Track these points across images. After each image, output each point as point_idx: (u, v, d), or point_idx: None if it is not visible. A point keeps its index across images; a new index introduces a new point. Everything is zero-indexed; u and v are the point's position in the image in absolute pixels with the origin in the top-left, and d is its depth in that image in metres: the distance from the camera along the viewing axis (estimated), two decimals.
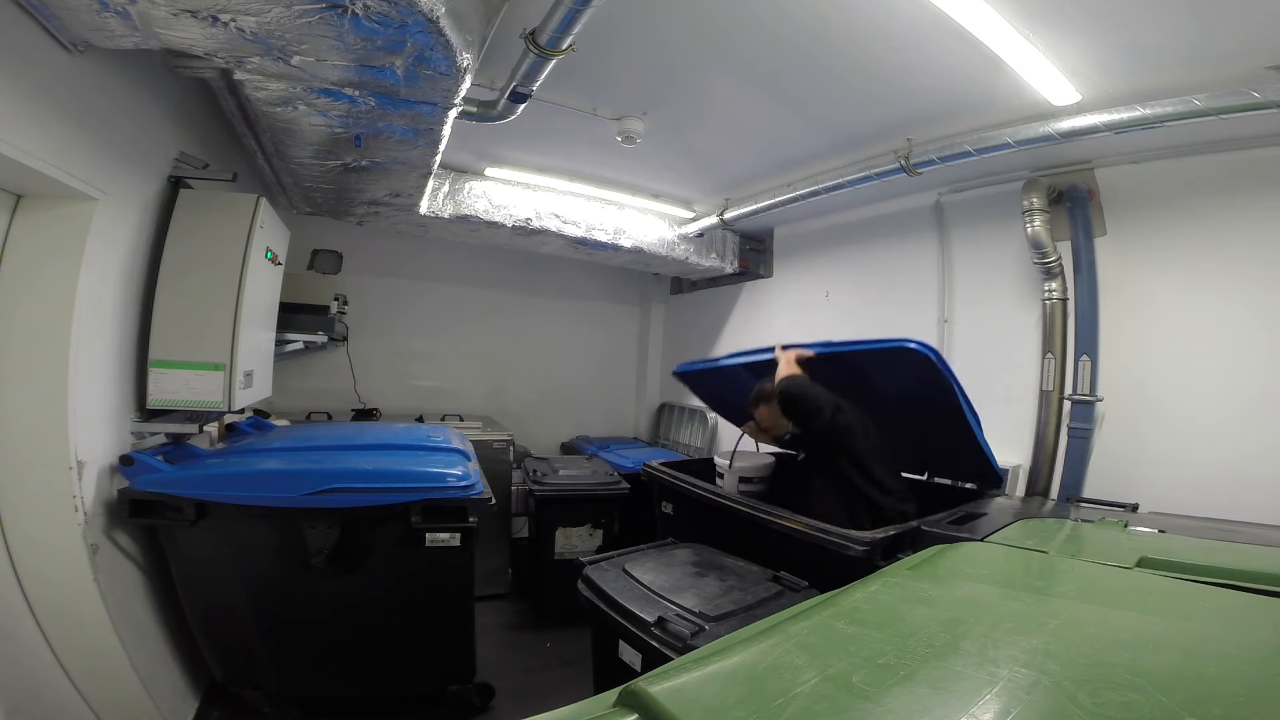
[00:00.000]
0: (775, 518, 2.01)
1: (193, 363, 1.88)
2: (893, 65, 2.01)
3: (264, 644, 1.92)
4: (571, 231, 3.54)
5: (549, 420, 4.86)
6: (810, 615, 0.71)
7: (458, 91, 1.74)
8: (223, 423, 2.34)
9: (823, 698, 0.51)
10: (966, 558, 1.06)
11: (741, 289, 4.47)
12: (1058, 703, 0.50)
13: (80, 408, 1.55)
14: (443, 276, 4.43)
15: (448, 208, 3.24)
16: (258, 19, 1.32)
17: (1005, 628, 0.67)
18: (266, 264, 2.16)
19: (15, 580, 1.52)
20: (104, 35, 1.38)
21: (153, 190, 1.91)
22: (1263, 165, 2.04)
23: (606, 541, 3.21)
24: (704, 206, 3.83)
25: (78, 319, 1.53)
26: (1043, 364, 2.54)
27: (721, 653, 0.60)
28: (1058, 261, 2.49)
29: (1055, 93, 1.99)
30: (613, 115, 2.55)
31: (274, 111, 1.83)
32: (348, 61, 1.52)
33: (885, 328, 3.33)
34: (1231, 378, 2.10)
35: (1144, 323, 2.34)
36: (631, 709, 0.50)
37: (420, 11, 1.30)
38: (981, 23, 1.67)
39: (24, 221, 1.53)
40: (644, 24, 1.90)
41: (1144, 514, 1.84)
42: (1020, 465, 2.61)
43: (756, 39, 1.94)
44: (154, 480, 1.72)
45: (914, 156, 2.47)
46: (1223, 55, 1.73)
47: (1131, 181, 2.39)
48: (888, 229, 3.34)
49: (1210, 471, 2.10)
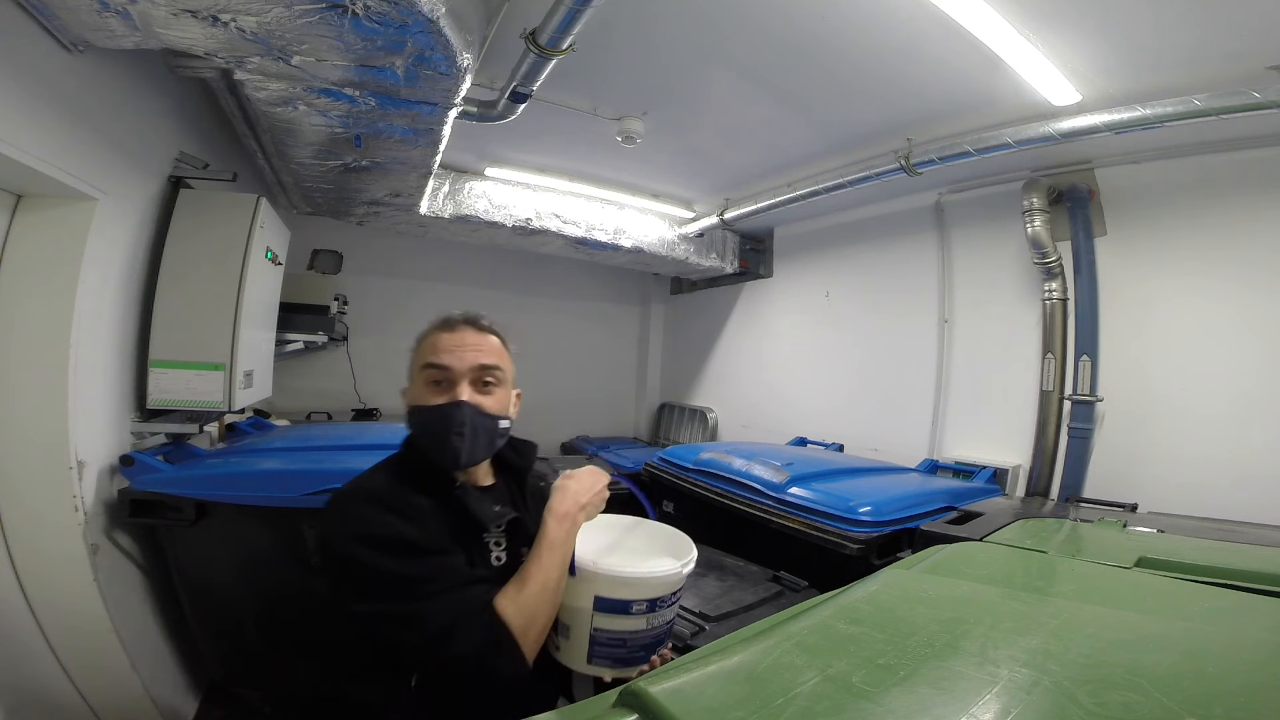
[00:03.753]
0: (775, 518, 2.01)
1: (193, 363, 1.88)
2: (893, 65, 2.01)
3: (264, 644, 1.92)
4: (571, 231, 3.54)
5: (549, 420, 4.85)
6: (810, 615, 0.71)
7: (458, 91, 1.74)
8: (223, 423, 2.34)
9: (823, 698, 0.51)
10: (966, 558, 1.06)
11: (741, 289, 4.47)
12: (1058, 702, 0.50)
13: (80, 408, 1.55)
14: (443, 276, 4.43)
15: (448, 208, 3.24)
16: (258, 19, 1.32)
17: (1005, 628, 0.67)
18: (267, 264, 2.16)
19: (15, 580, 1.52)
20: (104, 35, 1.38)
21: (153, 190, 1.91)
22: (1263, 165, 2.04)
23: None
24: (704, 206, 3.83)
25: (78, 319, 1.53)
26: (1043, 364, 2.54)
27: (721, 653, 0.60)
28: (1058, 261, 2.49)
29: (1055, 93, 1.99)
30: (613, 115, 2.55)
31: (274, 111, 1.83)
32: (348, 61, 1.52)
33: (885, 328, 3.34)
34: (1231, 377, 2.10)
35: (1144, 322, 2.34)
36: (631, 709, 0.50)
37: (420, 11, 1.30)
38: (982, 23, 1.67)
39: (24, 221, 1.52)
40: (644, 24, 1.90)
41: (1143, 514, 1.84)
42: (1020, 465, 2.61)
43: (757, 39, 1.94)
44: (154, 480, 1.72)
45: (914, 156, 2.47)
46: (1223, 55, 1.73)
47: (1131, 181, 2.39)
48: (888, 229, 3.35)
49: (1210, 471, 2.10)
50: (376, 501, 0.88)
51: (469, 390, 0.96)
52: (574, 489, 0.99)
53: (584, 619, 0.88)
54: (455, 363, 0.96)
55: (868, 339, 3.45)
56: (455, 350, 0.97)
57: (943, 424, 2.99)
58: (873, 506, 1.88)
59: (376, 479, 0.94)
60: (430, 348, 0.99)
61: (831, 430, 3.40)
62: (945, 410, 3.00)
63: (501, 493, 1.06)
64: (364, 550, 0.82)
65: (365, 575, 0.82)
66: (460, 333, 0.99)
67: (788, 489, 2.05)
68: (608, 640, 0.88)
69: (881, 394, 3.32)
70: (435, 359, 0.96)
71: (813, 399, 3.72)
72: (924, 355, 3.08)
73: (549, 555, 0.88)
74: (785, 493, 2.04)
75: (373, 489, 0.91)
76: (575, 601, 0.89)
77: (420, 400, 0.97)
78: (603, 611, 0.87)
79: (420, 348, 1.02)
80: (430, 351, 0.98)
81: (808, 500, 1.97)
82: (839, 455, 3.09)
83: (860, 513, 1.86)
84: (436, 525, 0.89)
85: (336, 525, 0.87)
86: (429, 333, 1.02)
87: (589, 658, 0.89)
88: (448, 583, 0.83)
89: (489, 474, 1.07)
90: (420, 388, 0.98)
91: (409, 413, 0.99)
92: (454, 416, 0.93)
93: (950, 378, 2.99)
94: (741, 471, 2.24)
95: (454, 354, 0.97)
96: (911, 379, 3.14)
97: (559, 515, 0.92)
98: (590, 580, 0.87)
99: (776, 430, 3.72)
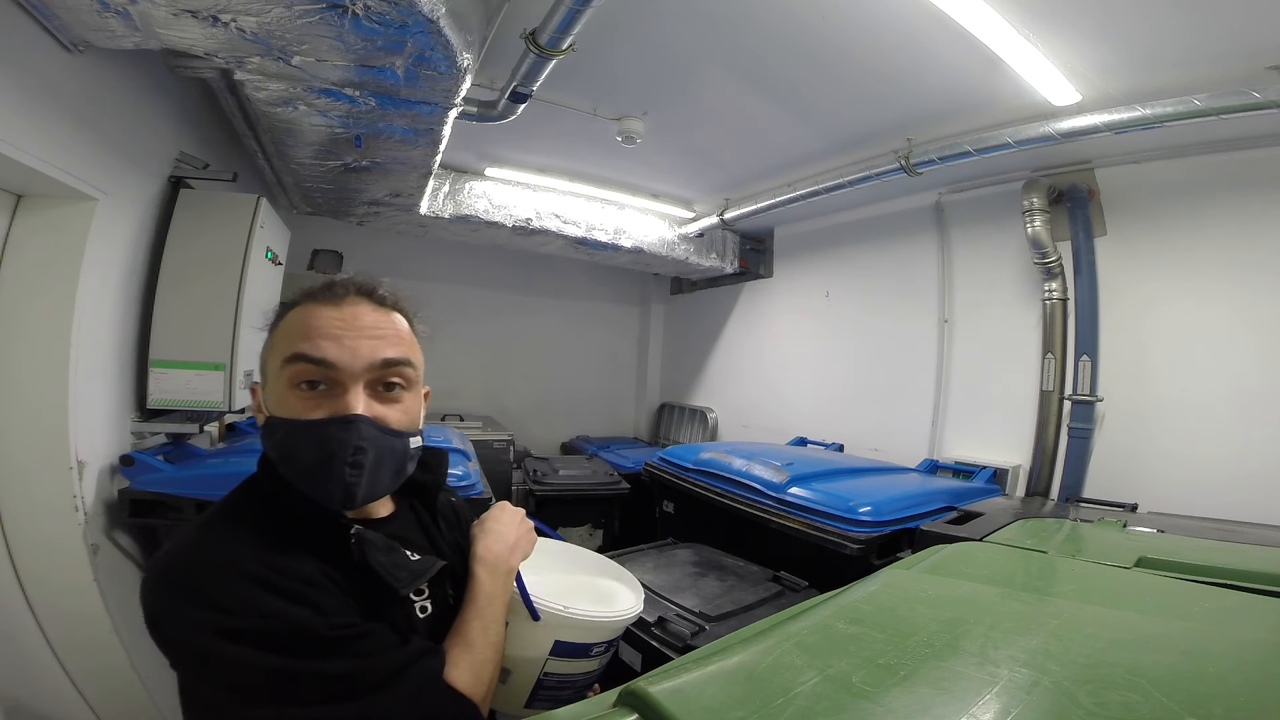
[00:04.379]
0: (775, 518, 2.01)
1: (193, 363, 1.88)
2: (893, 65, 2.01)
3: None
4: (571, 231, 3.54)
5: (549, 420, 4.86)
6: (810, 615, 0.71)
7: (458, 92, 1.74)
8: (223, 423, 2.34)
9: (823, 698, 0.51)
10: (966, 558, 1.06)
11: (741, 289, 4.47)
12: (1058, 702, 0.50)
13: (80, 407, 1.55)
14: (443, 276, 4.43)
15: (448, 208, 3.24)
16: (258, 19, 1.32)
17: (1005, 627, 0.67)
18: (267, 264, 2.16)
19: (16, 580, 1.52)
20: (104, 35, 1.38)
21: (153, 190, 1.91)
22: (1263, 165, 2.04)
23: (607, 541, 3.22)
24: (704, 206, 3.83)
25: (78, 319, 1.53)
26: (1043, 364, 2.54)
27: (721, 653, 0.60)
28: (1058, 261, 2.49)
29: (1055, 93, 1.99)
30: (613, 115, 2.55)
31: (274, 111, 1.83)
32: (348, 61, 1.52)
33: (885, 328, 3.34)
34: (1232, 377, 2.10)
35: (1144, 322, 2.34)
36: (631, 709, 0.50)
37: (420, 12, 1.30)
38: (982, 23, 1.67)
39: (24, 222, 1.53)
40: (644, 24, 1.90)
41: (1143, 514, 1.84)
42: (1020, 465, 2.61)
43: (757, 39, 1.94)
44: (154, 480, 1.72)
45: (914, 156, 2.47)
46: (1223, 55, 1.73)
47: (1131, 181, 2.39)
48: (888, 229, 3.35)
49: (1210, 471, 2.10)
50: (242, 577, 0.58)
51: (364, 398, 0.66)
52: (500, 530, 0.81)
53: (534, 664, 0.78)
54: (344, 357, 0.65)
55: (868, 339, 3.45)
56: (343, 336, 0.66)
57: (943, 424, 2.99)
58: (873, 506, 1.88)
59: (229, 536, 0.63)
60: (300, 329, 0.66)
61: (831, 430, 3.40)
62: (945, 410, 3.00)
63: (407, 524, 0.79)
64: (241, 649, 0.55)
65: (255, 680, 0.56)
66: (349, 307, 0.68)
67: (788, 489, 2.05)
68: (556, 684, 0.79)
69: (881, 394, 3.32)
70: (309, 348, 0.65)
71: (813, 399, 3.72)
72: (924, 355, 3.08)
73: (490, 609, 0.72)
74: (785, 493, 2.04)
75: (231, 556, 0.60)
76: (527, 650, 0.77)
77: (287, 410, 0.65)
78: (560, 656, 0.78)
79: (282, 327, 0.69)
80: (300, 335, 0.66)
81: (808, 500, 1.97)
82: (839, 455, 3.10)
83: (860, 513, 1.86)
84: (334, 595, 0.63)
85: (184, 614, 0.57)
86: (299, 303, 0.70)
87: (529, 701, 0.79)
88: (382, 670, 0.60)
89: (387, 500, 0.78)
90: (283, 389, 0.66)
91: (267, 427, 0.68)
92: (344, 440, 0.64)
93: (950, 378, 2.99)
94: (741, 471, 2.24)
95: (341, 342, 0.65)
96: (911, 379, 3.13)
97: (492, 563, 0.75)
98: (556, 626, 0.76)
99: (776, 430, 3.72)
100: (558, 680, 0.79)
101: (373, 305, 0.70)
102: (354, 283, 0.71)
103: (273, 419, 0.67)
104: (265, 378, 0.70)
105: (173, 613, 0.58)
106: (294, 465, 0.66)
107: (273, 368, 0.68)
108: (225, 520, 0.66)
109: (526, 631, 0.76)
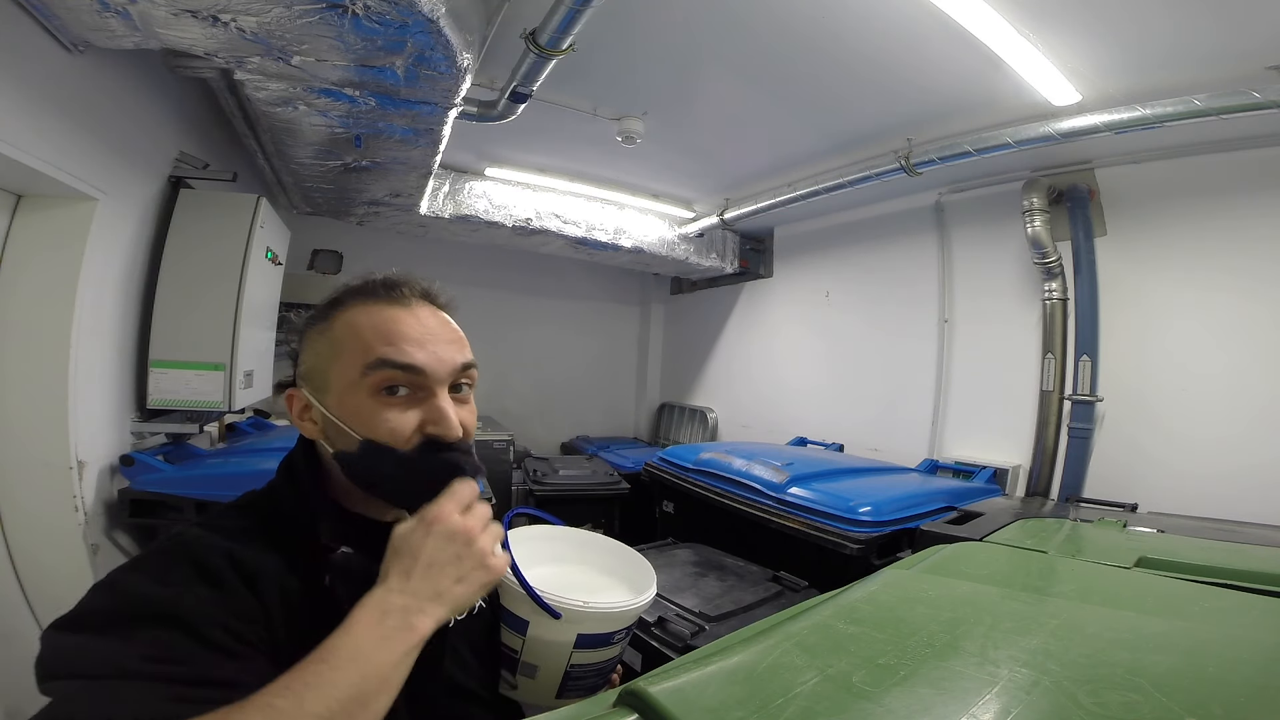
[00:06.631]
0: (775, 518, 2.01)
1: (193, 363, 1.88)
2: (893, 65, 2.01)
3: None
4: (571, 231, 3.54)
5: (549, 420, 4.86)
6: (810, 615, 0.71)
7: (458, 91, 1.74)
8: (223, 423, 2.34)
9: (823, 698, 0.51)
10: (966, 558, 1.06)
11: (741, 289, 4.47)
12: (1058, 703, 0.50)
13: (80, 408, 1.55)
14: (442, 276, 4.19)
15: (448, 208, 3.24)
16: (258, 19, 1.32)
17: (1005, 627, 0.67)
18: (267, 264, 2.17)
19: (16, 580, 1.52)
20: (104, 35, 1.38)
21: (153, 190, 1.91)
22: (1263, 165, 2.04)
23: None
24: (704, 206, 3.83)
25: (78, 319, 1.53)
26: (1043, 364, 2.54)
27: (721, 653, 0.59)
28: (1058, 261, 2.49)
29: (1055, 93, 1.99)
30: (613, 115, 2.55)
31: (274, 111, 1.83)
32: (348, 61, 1.53)
33: (885, 328, 3.34)
34: (1232, 377, 2.10)
35: (1144, 322, 2.34)
36: (631, 709, 0.49)
37: (420, 12, 1.30)
38: (982, 23, 1.67)
39: (24, 221, 1.53)
40: (644, 24, 1.90)
41: (1143, 514, 1.84)
42: (1020, 465, 2.61)
43: (757, 39, 1.94)
44: (154, 480, 1.72)
45: (914, 156, 2.47)
46: (1223, 55, 1.73)
47: (1131, 181, 2.39)
48: (888, 229, 3.35)
49: (1210, 471, 2.10)
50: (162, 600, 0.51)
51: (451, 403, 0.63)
52: (429, 553, 0.54)
53: (560, 659, 0.77)
54: (431, 363, 0.62)
55: (868, 339, 3.45)
56: (425, 341, 0.63)
57: (943, 424, 2.99)
58: (873, 506, 1.88)
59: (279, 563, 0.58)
60: (377, 333, 0.62)
61: (831, 430, 3.40)
62: (945, 410, 3.00)
63: None
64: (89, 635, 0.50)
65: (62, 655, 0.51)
66: (417, 309, 0.66)
67: (788, 489, 2.05)
68: (583, 673, 0.80)
69: (881, 394, 3.32)
70: (395, 354, 0.61)
71: (813, 399, 3.72)
72: (924, 355, 3.09)
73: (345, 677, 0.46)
74: (785, 493, 2.04)
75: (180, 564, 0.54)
76: (551, 647, 0.77)
77: (370, 417, 0.60)
78: (585, 647, 0.78)
79: (341, 329, 0.63)
80: (380, 340, 0.61)
81: (808, 500, 1.98)
82: (839, 455, 3.10)
83: (860, 513, 1.86)
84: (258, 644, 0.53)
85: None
86: (352, 303, 0.64)
87: (560, 693, 0.81)
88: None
89: None
90: (363, 398, 0.61)
91: (366, 451, 0.60)
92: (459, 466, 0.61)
93: (950, 377, 2.99)
94: (741, 471, 2.24)
95: (425, 348, 0.62)
96: (911, 379, 3.14)
97: (385, 607, 0.51)
98: (577, 621, 0.75)
99: (776, 430, 3.72)
100: (584, 670, 0.81)
101: (433, 308, 0.69)
102: (414, 283, 0.68)
103: (373, 444, 0.60)
104: (326, 383, 0.63)
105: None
106: (393, 486, 0.62)
107: (343, 375, 0.62)
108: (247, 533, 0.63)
109: (549, 629, 0.76)
